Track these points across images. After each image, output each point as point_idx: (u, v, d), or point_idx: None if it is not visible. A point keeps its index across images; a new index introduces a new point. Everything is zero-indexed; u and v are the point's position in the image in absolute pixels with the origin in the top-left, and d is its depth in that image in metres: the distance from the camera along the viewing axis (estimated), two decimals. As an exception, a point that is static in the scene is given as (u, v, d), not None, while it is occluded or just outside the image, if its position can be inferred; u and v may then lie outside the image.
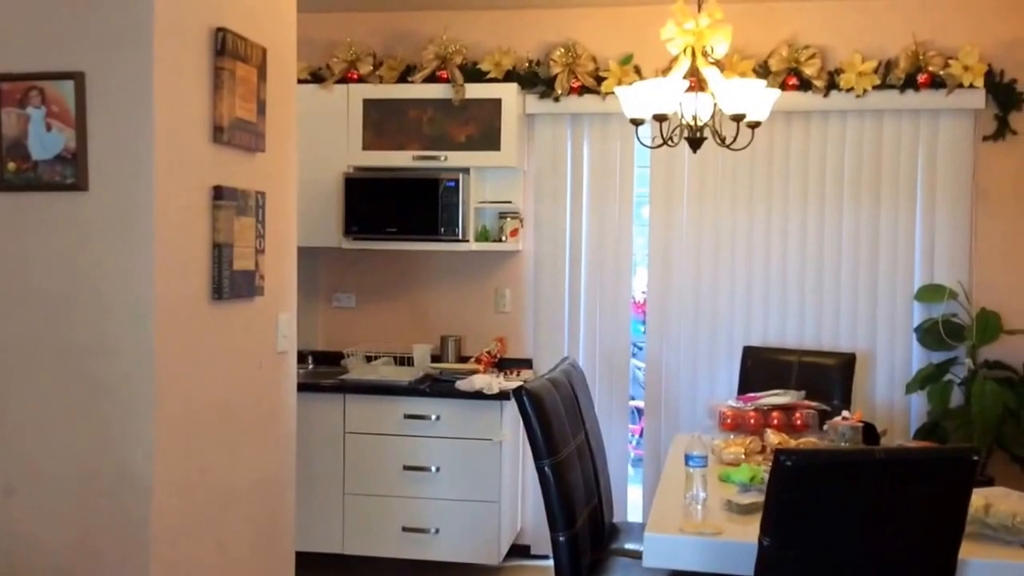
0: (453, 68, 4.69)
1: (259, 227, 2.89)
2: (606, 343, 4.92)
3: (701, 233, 4.81)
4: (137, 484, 2.42)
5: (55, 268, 2.44)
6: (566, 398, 3.36)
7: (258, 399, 2.97)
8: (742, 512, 2.87)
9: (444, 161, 4.66)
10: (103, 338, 2.42)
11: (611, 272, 4.88)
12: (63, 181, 2.40)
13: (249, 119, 2.81)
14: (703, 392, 4.78)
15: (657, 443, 4.87)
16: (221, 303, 2.71)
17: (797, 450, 2.53)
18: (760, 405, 3.78)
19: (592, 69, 4.72)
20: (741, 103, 3.46)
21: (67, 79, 2.37)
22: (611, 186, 4.86)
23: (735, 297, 4.80)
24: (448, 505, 4.46)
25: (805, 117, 4.69)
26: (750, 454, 3.46)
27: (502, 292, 4.98)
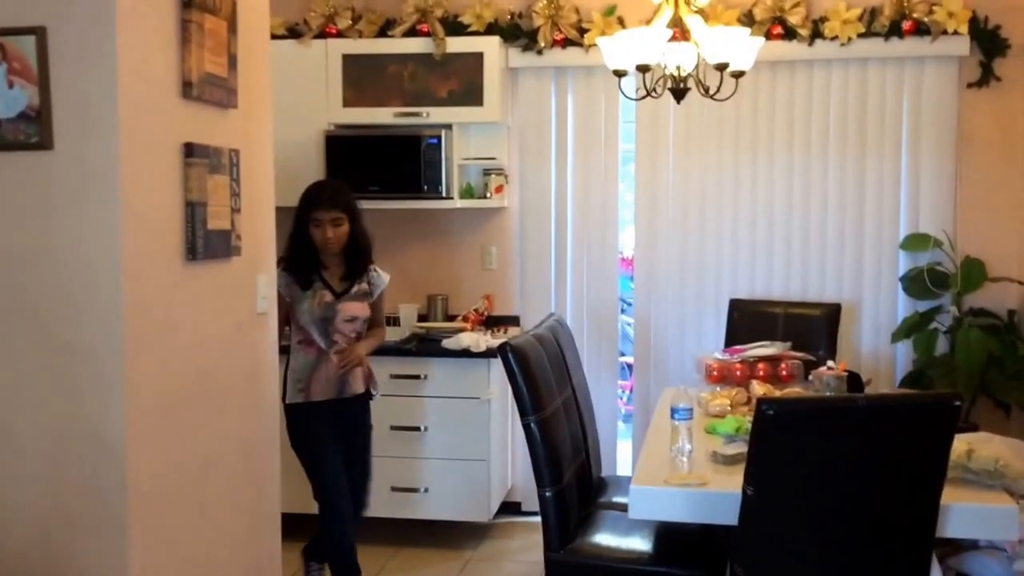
0: (434, 21, 4.61)
1: (234, 185, 2.83)
2: (594, 299, 4.90)
3: (687, 187, 4.78)
4: (110, 450, 2.37)
5: (20, 230, 2.38)
6: (552, 354, 3.34)
7: (238, 361, 2.94)
8: (727, 463, 2.88)
9: (426, 117, 4.60)
10: (71, 301, 2.37)
11: (598, 228, 4.85)
12: (27, 140, 2.34)
13: (220, 74, 2.74)
14: (691, 346, 4.77)
15: (647, 398, 4.87)
16: (196, 263, 2.66)
17: (779, 399, 2.52)
18: (746, 357, 3.76)
19: (575, 21, 4.65)
20: (724, 52, 3.41)
21: (28, 34, 2.30)
22: (597, 141, 4.81)
23: (721, 250, 4.78)
24: (437, 464, 4.46)
25: (790, 67, 4.65)
26: (736, 405, 3.47)
27: (488, 249, 4.95)
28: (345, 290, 3.59)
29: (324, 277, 3.57)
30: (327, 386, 3.55)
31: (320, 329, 3.53)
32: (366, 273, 3.63)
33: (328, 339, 3.55)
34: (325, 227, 3.51)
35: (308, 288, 3.53)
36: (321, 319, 3.52)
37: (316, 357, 3.55)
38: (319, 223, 3.51)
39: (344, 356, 3.55)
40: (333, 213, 3.52)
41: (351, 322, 3.58)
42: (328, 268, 3.59)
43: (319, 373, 3.54)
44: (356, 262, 3.60)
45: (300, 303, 3.53)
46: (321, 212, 3.51)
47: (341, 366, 3.54)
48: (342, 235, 3.53)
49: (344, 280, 3.59)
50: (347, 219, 3.54)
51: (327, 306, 3.53)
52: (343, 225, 3.53)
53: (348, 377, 3.58)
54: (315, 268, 3.56)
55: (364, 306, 3.61)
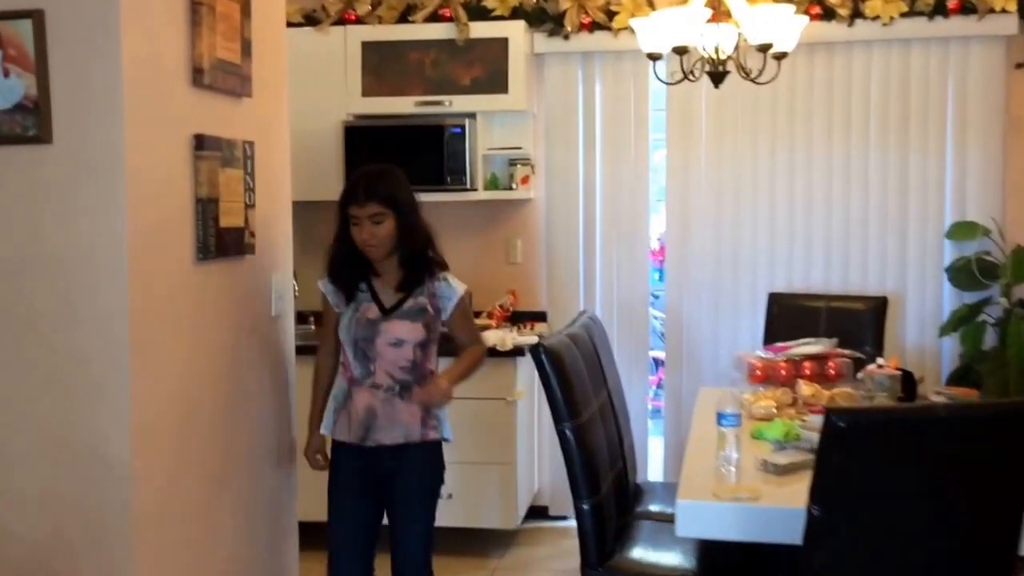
0: (456, 6, 4.44)
1: (248, 180, 2.66)
2: (623, 293, 4.73)
3: (721, 175, 4.60)
4: (114, 468, 2.20)
5: (17, 229, 2.21)
6: (587, 355, 3.16)
7: (252, 366, 2.76)
8: (780, 473, 2.70)
9: (449, 106, 4.44)
10: (71, 306, 2.20)
11: (627, 219, 4.68)
12: (24, 133, 2.16)
13: (233, 60, 2.56)
14: (726, 342, 4.60)
15: (678, 396, 4.70)
16: (207, 263, 2.48)
17: (850, 409, 2.33)
18: (791, 355, 3.57)
19: (603, 3, 4.47)
20: (768, 32, 3.23)
21: (24, 18, 2.12)
22: (625, 128, 4.64)
23: (757, 241, 4.60)
24: (462, 469, 4.23)
25: (828, 49, 4.46)
26: (782, 407, 3.29)
27: (513, 243, 4.78)
28: (397, 304, 2.83)
29: (374, 287, 2.85)
30: (350, 427, 2.84)
31: (357, 351, 2.81)
32: (428, 283, 2.84)
33: (365, 366, 2.81)
34: (363, 225, 2.78)
35: (353, 300, 2.85)
36: (359, 339, 2.81)
37: (347, 386, 2.86)
38: (357, 221, 2.79)
39: (428, 392, 2.81)
40: (371, 207, 2.75)
41: (397, 347, 2.78)
42: (382, 275, 2.85)
43: (346, 408, 2.85)
44: (412, 267, 2.83)
45: (342, 317, 2.86)
46: (356, 207, 2.78)
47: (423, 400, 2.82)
48: (384, 235, 2.77)
49: (399, 291, 2.84)
50: (392, 214, 2.77)
51: (368, 324, 2.80)
52: (385, 222, 2.77)
53: (381, 421, 2.80)
54: (362, 275, 2.85)
55: (417, 327, 2.80)
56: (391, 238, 2.78)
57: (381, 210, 2.76)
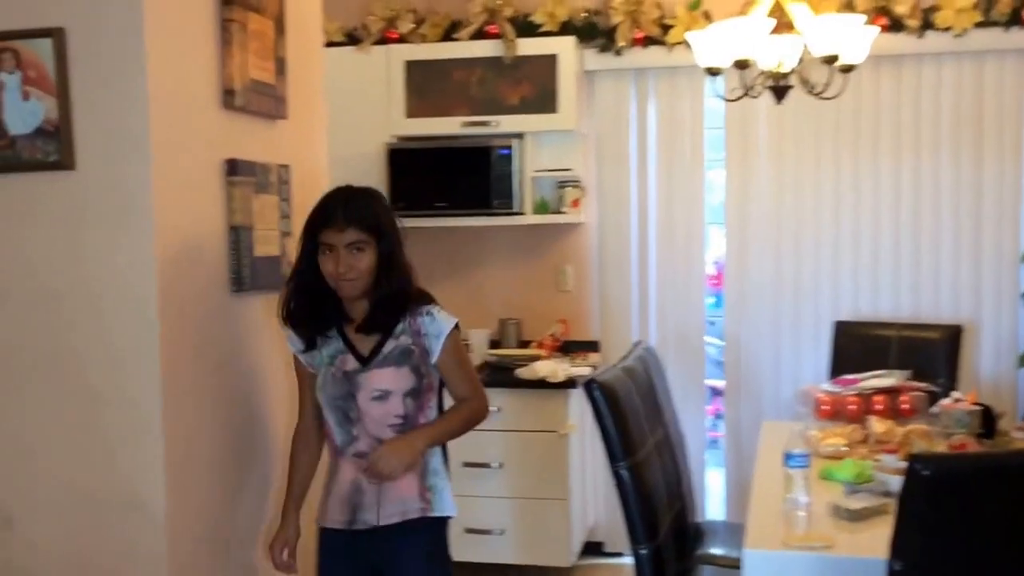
0: (503, 22, 4.30)
1: (284, 206, 2.53)
2: (679, 320, 4.54)
3: (781, 196, 4.40)
4: (148, 511, 2.09)
5: (40, 261, 2.11)
6: (643, 389, 2.97)
7: (294, 402, 2.61)
8: (854, 519, 2.51)
9: (496, 127, 4.29)
10: (100, 343, 2.09)
11: (682, 243, 4.50)
12: (45, 159, 2.05)
13: (267, 80, 2.44)
14: (788, 373, 4.38)
15: (737, 429, 4.50)
16: (242, 295, 2.36)
17: (935, 456, 2.11)
18: (861, 389, 3.34)
19: (657, 17, 4.29)
20: (834, 43, 3.03)
21: (44, 37, 2.02)
22: (681, 148, 4.46)
23: (821, 266, 4.38)
24: (513, 504, 4.15)
25: (896, 62, 4.24)
26: (853, 445, 3.08)
27: (564, 269, 4.60)
28: (375, 349, 2.28)
29: (346, 333, 2.30)
30: (338, 506, 2.31)
31: (336, 413, 2.29)
32: (409, 319, 2.29)
33: (347, 430, 2.28)
34: (338, 254, 2.20)
35: (316, 348, 2.30)
36: (337, 398, 2.28)
37: (332, 457, 2.35)
38: (330, 249, 2.21)
39: (372, 463, 2.23)
40: (351, 234, 2.20)
41: (382, 401, 2.25)
42: (353, 319, 2.29)
43: (333, 483, 2.32)
44: (386, 306, 2.27)
45: (318, 374, 2.31)
46: (332, 233, 2.20)
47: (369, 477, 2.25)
48: (364, 268, 2.22)
49: (373, 333, 2.29)
50: (374, 243, 2.23)
51: (345, 378, 2.26)
52: (367, 252, 2.22)
53: (365, 498, 2.27)
54: (331, 319, 2.29)
55: (404, 373, 2.26)
56: (371, 272, 2.23)
57: (362, 237, 2.21)
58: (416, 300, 2.31)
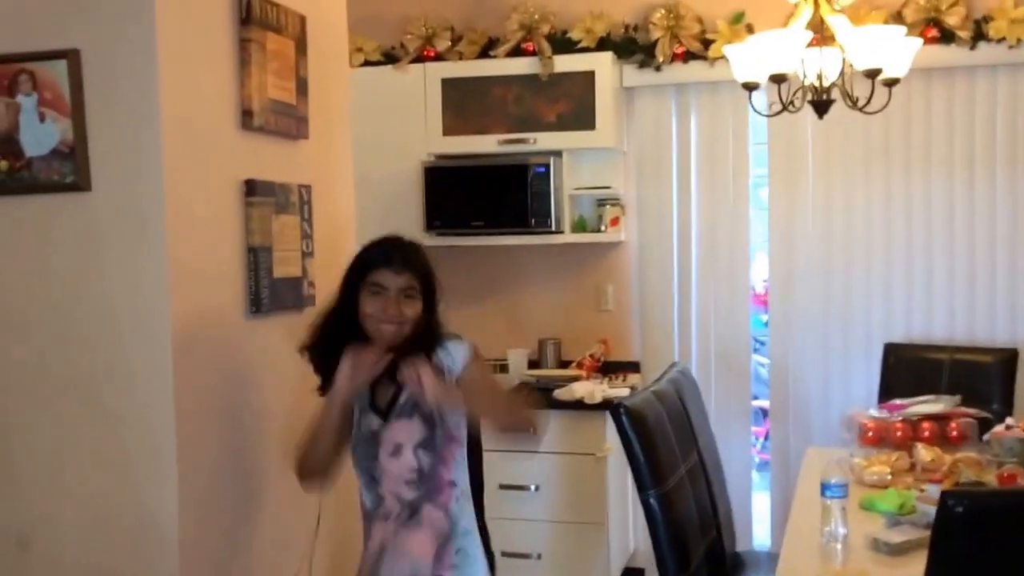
0: (540, 38, 4.25)
1: (305, 226, 2.50)
2: (723, 341, 4.42)
3: (829, 214, 4.27)
4: (163, 535, 2.07)
5: (56, 284, 2.11)
6: (674, 413, 2.88)
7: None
8: (893, 553, 2.40)
9: (533, 144, 4.24)
10: (115, 365, 2.09)
11: (726, 262, 4.39)
12: (61, 180, 2.06)
13: (287, 100, 2.42)
14: (837, 396, 4.24)
15: (785, 452, 4.36)
16: (260, 317, 2.33)
17: (969, 491, 2.00)
18: (908, 414, 3.21)
19: (698, 32, 4.20)
20: (876, 56, 2.93)
21: (59, 58, 2.02)
22: (724, 165, 4.36)
23: (871, 286, 4.23)
24: (551, 527, 4.07)
25: (947, 74, 4.09)
26: (898, 474, 2.95)
27: (604, 288, 4.52)
28: (391, 403, 2.15)
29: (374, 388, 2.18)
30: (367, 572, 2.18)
31: (365, 477, 2.17)
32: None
33: (374, 492, 2.16)
34: (391, 299, 2.08)
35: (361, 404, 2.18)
36: (363, 458, 2.16)
37: (364, 524, 2.22)
38: (381, 291, 2.08)
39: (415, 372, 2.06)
40: (406, 279, 2.09)
41: (396, 457, 2.12)
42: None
43: (367, 551, 2.20)
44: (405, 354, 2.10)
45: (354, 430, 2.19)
46: (388, 274, 2.09)
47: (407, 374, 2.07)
48: (411, 316, 2.10)
49: (389, 387, 2.15)
50: (421, 296, 2.12)
51: (371, 438, 2.15)
52: (415, 301, 2.11)
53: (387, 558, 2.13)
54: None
55: (413, 425, 2.12)
56: (413, 323, 2.10)
57: (415, 285, 2.10)
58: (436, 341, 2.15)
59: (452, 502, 2.13)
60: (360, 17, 4.43)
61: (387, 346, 2.09)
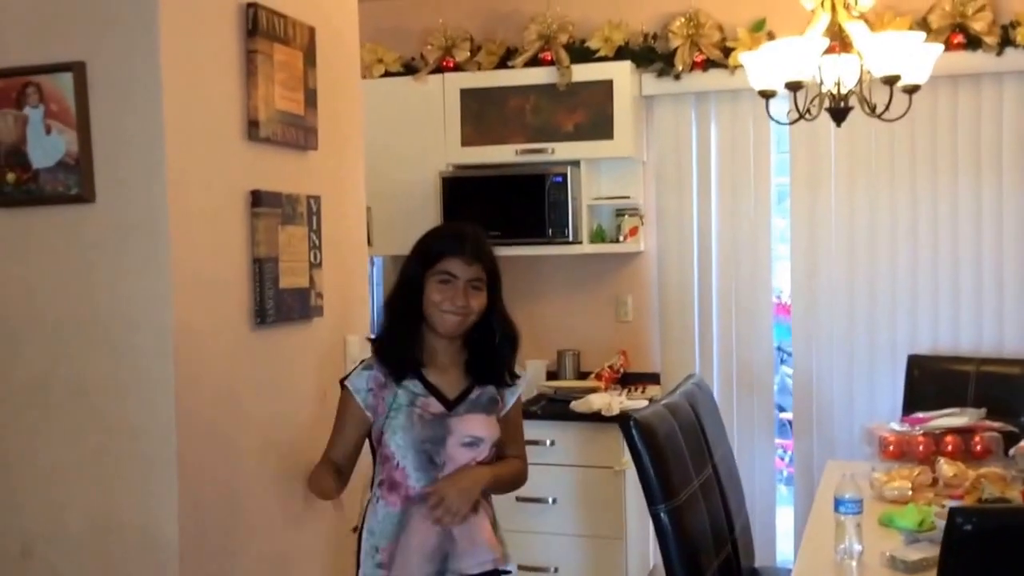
0: (558, 48, 4.23)
1: (313, 237, 2.49)
2: (745, 352, 4.36)
3: (853, 223, 4.20)
4: (162, 546, 2.06)
5: (61, 294, 2.11)
6: (687, 426, 2.83)
7: (323, 437, 2.56)
8: (909, 571, 2.33)
9: (551, 154, 4.22)
10: (118, 375, 2.08)
11: (748, 273, 4.33)
12: (66, 192, 2.06)
13: (295, 111, 2.42)
14: (861, 408, 4.17)
15: (809, 465, 4.29)
16: (266, 328, 2.32)
17: (978, 508, 1.94)
18: (930, 428, 3.14)
19: (718, 40, 4.16)
20: (894, 62, 2.87)
21: (64, 71, 2.03)
22: (745, 174, 4.30)
23: (896, 297, 4.16)
24: (568, 541, 4.02)
25: (974, 81, 4.02)
26: (919, 489, 2.87)
27: (623, 299, 4.49)
28: (461, 395, 2.21)
29: (424, 374, 2.19)
30: (425, 557, 2.14)
31: (420, 458, 2.14)
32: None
33: (431, 476, 2.15)
34: (459, 288, 2.13)
35: (402, 390, 2.17)
36: (425, 442, 2.15)
37: (404, 509, 2.15)
38: (449, 279, 2.13)
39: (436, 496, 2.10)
40: (476, 270, 2.14)
41: (472, 448, 2.16)
42: (433, 361, 2.21)
43: (411, 536, 2.14)
44: (489, 358, 2.22)
45: (393, 417, 2.15)
46: (460, 263, 2.14)
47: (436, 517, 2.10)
48: (477, 308, 2.15)
49: (461, 380, 2.22)
50: (486, 288, 2.18)
51: (436, 421, 2.15)
52: (482, 293, 2.16)
53: (462, 545, 2.16)
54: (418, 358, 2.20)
55: (492, 422, 2.20)
56: (478, 314, 2.17)
57: (483, 277, 2.16)
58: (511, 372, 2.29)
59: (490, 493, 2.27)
60: (381, 29, 4.47)
61: (449, 335, 2.18)
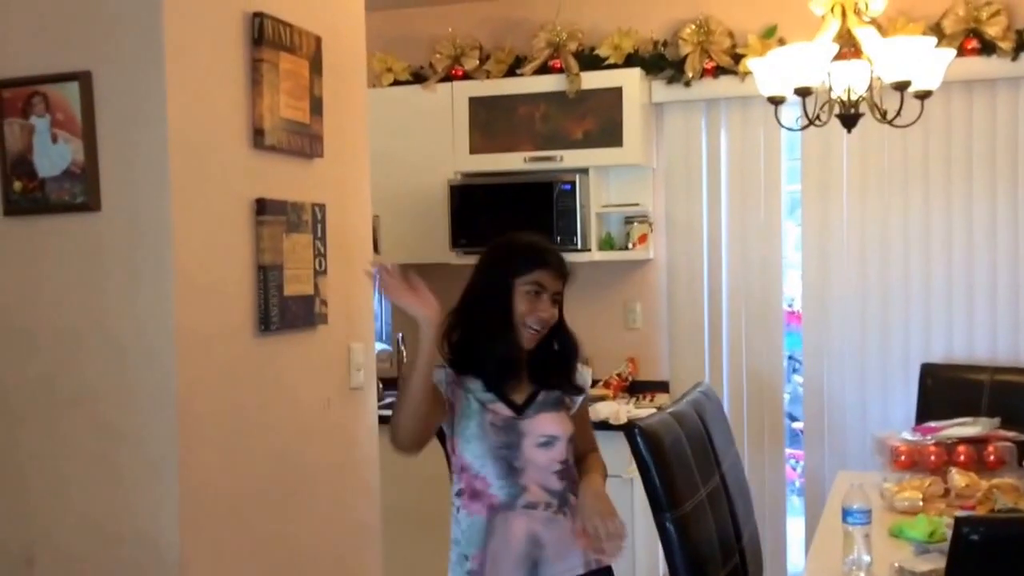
0: (567, 55, 4.22)
1: (318, 245, 2.49)
2: (755, 360, 4.33)
3: (865, 231, 4.17)
4: (164, 554, 2.05)
5: (65, 302, 2.11)
6: (694, 435, 2.81)
7: (327, 445, 2.57)
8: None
9: (560, 162, 4.21)
10: (120, 383, 2.09)
11: (758, 281, 4.30)
12: (72, 201, 2.07)
13: (301, 120, 2.41)
14: (873, 417, 4.13)
15: (820, 476, 4.25)
16: (270, 335, 2.32)
17: (985, 519, 1.91)
18: (942, 438, 3.10)
19: (729, 46, 4.14)
20: (905, 67, 2.85)
21: (71, 80, 2.03)
22: (755, 181, 4.28)
23: (909, 304, 4.12)
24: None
25: (989, 87, 3.98)
26: (930, 500, 2.85)
27: (632, 306, 4.46)
28: (528, 399, 2.21)
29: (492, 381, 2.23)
30: (516, 564, 2.14)
31: (499, 464, 2.14)
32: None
33: (512, 482, 2.14)
34: (546, 300, 2.19)
35: (479, 395, 2.18)
36: (500, 447, 2.14)
37: (490, 517, 2.15)
38: (541, 291, 2.18)
39: (589, 514, 2.14)
40: (560, 283, 2.22)
41: (548, 448, 2.16)
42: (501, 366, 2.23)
43: (500, 544, 2.14)
44: (554, 367, 2.26)
45: (464, 426, 2.16)
46: (549, 275, 2.19)
47: (612, 551, 2.18)
48: (553, 321, 2.23)
49: (526, 386, 2.23)
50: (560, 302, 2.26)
51: (508, 425, 2.16)
52: (558, 305, 2.26)
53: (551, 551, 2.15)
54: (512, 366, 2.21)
55: (563, 418, 2.22)
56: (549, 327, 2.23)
57: (562, 291, 2.23)
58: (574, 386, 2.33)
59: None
60: (390, 38, 4.48)
61: (528, 346, 2.20)
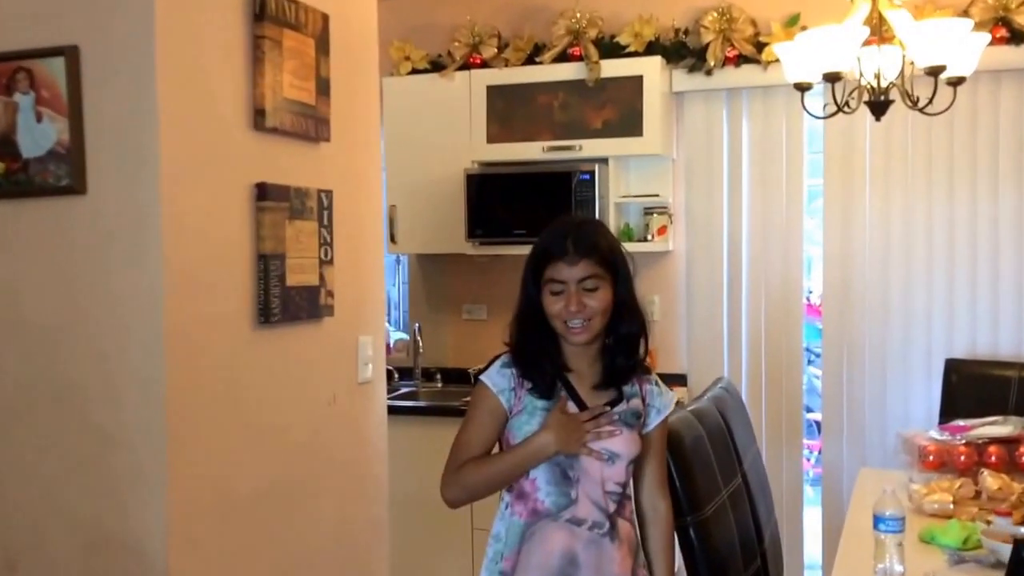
0: (587, 43, 4.10)
1: (324, 232, 2.38)
2: (775, 354, 4.21)
3: (888, 224, 4.04)
4: (150, 560, 1.95)
5: (50, 292, 2.01)
6: (716, 433, 2.69)
7: (332, 442, 2.47)
8: (954, 592, 2.17)
9: (579, 151, 4.10)
10: (106, 378, 1.98)
11: (778, 272, 4.18)
12: (56, 183, 1.96)
13: (306, 101, 2.31)
14: (895, 414, 4.01)
15: (838, 468, 4.16)
16: (270, 327, 2.21)
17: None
18: (973, 437, 2.97)
19: (751, 35, 4.01)
20: (939, 52, 2.71)
21: (57, 55, 1.92)
22: (776, 172, 4.15)
23: (933, 298, 3.99)
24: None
25: (1017, 76, 3.85)
26: (961, 503, 2.71)
27: (650, 299, 4.34)
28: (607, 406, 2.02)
29: (570, 381, 2.01)
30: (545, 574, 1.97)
31: (554, 474, 1.98)
32: (636, 382, 2.07)
33: (564, 492, 1.97)
34: (568, 293, 1.94)
35: (545, 398, 1.98)
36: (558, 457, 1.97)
37: (530, 522, 1.99)
38: (560, 288, 1.95)
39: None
40: (583, 268, 1.94)
41: (607, 464, 1.99)
42: (575, 368, 2.02)
43: (532, 553, 1.97)
44: (620, 357, 2.02)
45: (525, 421, 1.98)
46: (562, 267, 1.94)
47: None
48: (599, 309, 1.95)
49: (599, 389, 2.02)
50: (610, 281, 1.97)
51: None
52: (601, 290, 1.95)
53: (580, 573, 1.96)
54: (556, 366, 2.00)
55: (635, 439, 2.02)
56: (605, 314, 1.96)
57: (597, 272, 1.94)
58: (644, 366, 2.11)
59: (633, 516, 2.08)
60: (412, 27, 4.40)
61: (579, 344, 1.98)
